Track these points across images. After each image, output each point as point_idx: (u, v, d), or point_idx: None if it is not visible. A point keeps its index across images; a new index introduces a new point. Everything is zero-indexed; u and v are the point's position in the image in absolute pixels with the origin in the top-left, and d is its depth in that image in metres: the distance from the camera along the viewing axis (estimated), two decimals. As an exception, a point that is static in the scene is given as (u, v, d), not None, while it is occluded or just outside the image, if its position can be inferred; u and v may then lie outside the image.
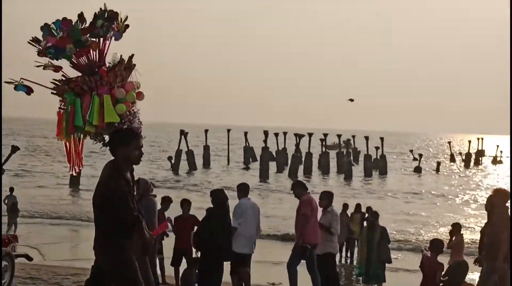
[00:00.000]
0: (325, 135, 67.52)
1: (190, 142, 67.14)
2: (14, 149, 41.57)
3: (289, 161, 64.13)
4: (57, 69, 7.15)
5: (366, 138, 68.67)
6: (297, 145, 66.90)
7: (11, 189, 26.57)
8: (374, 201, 40.77)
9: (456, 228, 15.61)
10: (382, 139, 70.22)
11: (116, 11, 7.10)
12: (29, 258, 13.24)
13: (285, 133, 72.98)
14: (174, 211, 15.27)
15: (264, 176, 58.61)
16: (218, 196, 12.20)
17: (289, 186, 14.54)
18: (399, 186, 56.65)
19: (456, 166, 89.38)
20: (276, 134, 73.13)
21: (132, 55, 7.18)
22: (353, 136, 76.31)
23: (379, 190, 53.49)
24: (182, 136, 64.03)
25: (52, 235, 25.28)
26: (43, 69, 7.10)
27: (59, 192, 42.01)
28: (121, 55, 7.13)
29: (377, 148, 67.99)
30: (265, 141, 65.57)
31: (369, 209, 19.84)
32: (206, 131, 72.58)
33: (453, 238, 15.29)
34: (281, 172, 64.18)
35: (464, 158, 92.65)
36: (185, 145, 64.27)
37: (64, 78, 7.12)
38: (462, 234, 15.53)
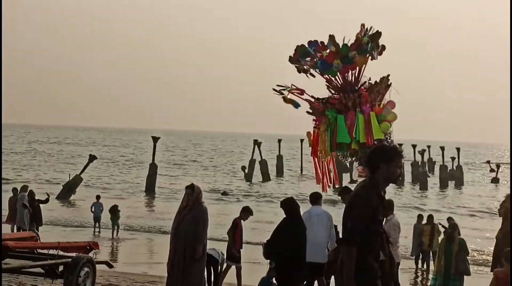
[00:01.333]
0: (400, 145, 66.66)
1: (263, 152, 67.34)
2: (92, 158, 42.87)
3: (363, 172, 63.57)
4: (302, 91, 7.24)
5: (442, 148, 67.54)
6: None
7: (98, 197, 27.95)
8: (449, 213, 39.96)
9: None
10: (458, 149, 68.88)
11: (379, 30, 7.11)
12: (110, 265, 13.55)
13: (359, 143, 72.39)
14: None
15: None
16: (288, 205, 12.16)
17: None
18: (475, 198, 55.41)
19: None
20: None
21: (388, 74, 7.18)
22: (428, 146, 75.12)
23: (455, 201, 52.45)
24: (256, 146, 64.35)
25: (131, 243, 25.73)
26: (288, 92, 7.19)
27: (135, 201, 42.65)
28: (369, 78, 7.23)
29: (453, 158, 66.65)
30: (338, 151, 65.13)
31: (450, 219, 19.54)
32: (279, 141, 72.74)
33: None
34: (354, 183, 63.73)
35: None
36: (259, 154, 64.50)
37: (313, 98, 7.19)
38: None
